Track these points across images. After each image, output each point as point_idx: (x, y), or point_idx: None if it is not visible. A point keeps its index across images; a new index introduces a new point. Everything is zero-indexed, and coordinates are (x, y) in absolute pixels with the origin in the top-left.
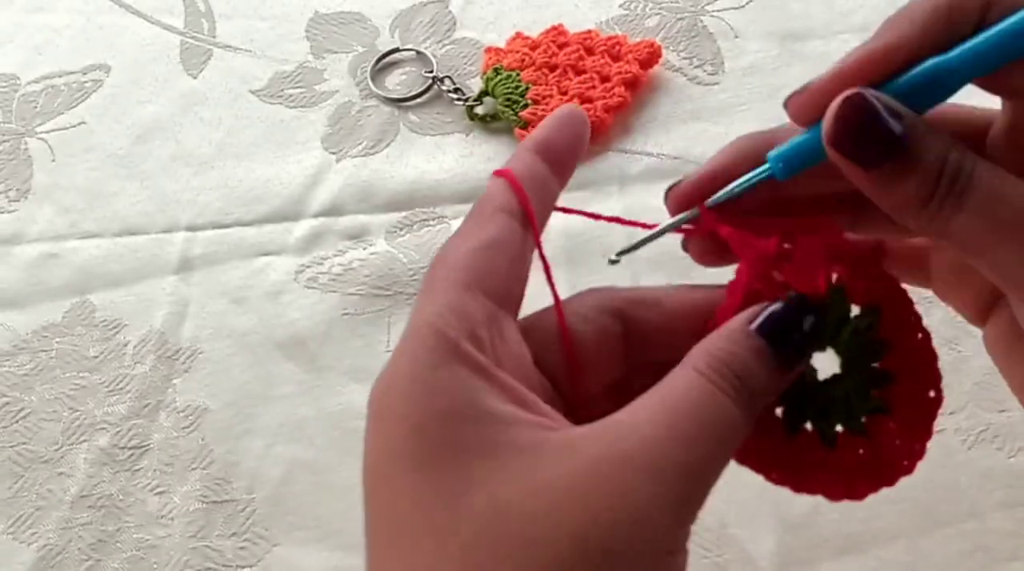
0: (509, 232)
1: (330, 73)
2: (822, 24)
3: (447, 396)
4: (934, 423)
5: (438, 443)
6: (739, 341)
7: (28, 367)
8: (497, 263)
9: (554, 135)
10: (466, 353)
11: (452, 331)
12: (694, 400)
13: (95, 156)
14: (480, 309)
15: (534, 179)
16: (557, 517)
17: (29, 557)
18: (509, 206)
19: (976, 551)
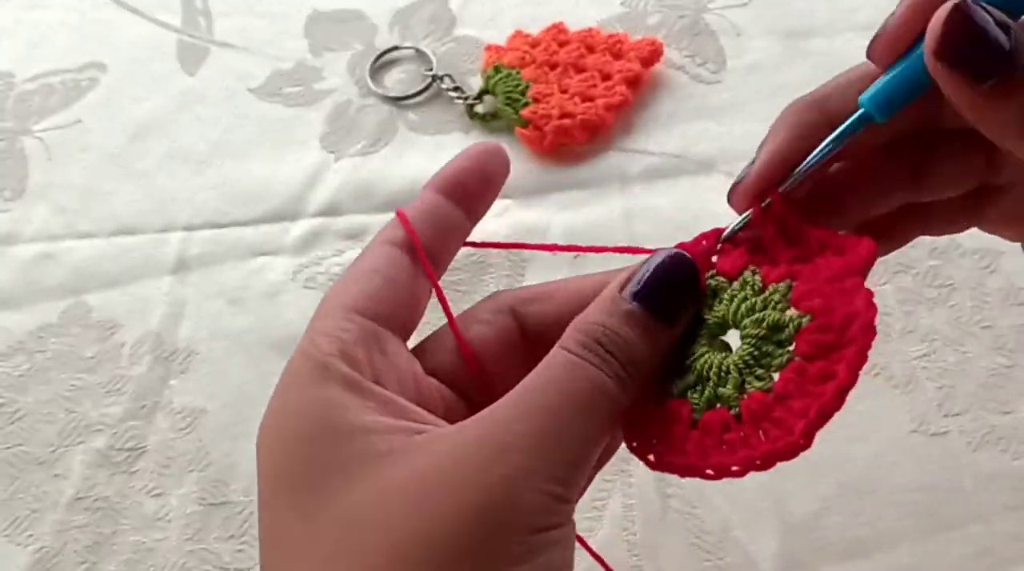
0: (389, 258)
1: (328, 71)
2: (825, 22)
3: (312, 416)
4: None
5: (300, 465)
6: (607, 309)
7: (23, 368)
8: (376, 287)
9: (457, 171)
10: (335, 371)
11: (321, 352)
12: (553, 375)
13: (91, 155)
14: (355, 329)
15: (431, 214)
16: (408, 518)
17: (25, 560)
18: (393, 238)
19: (981, 554)
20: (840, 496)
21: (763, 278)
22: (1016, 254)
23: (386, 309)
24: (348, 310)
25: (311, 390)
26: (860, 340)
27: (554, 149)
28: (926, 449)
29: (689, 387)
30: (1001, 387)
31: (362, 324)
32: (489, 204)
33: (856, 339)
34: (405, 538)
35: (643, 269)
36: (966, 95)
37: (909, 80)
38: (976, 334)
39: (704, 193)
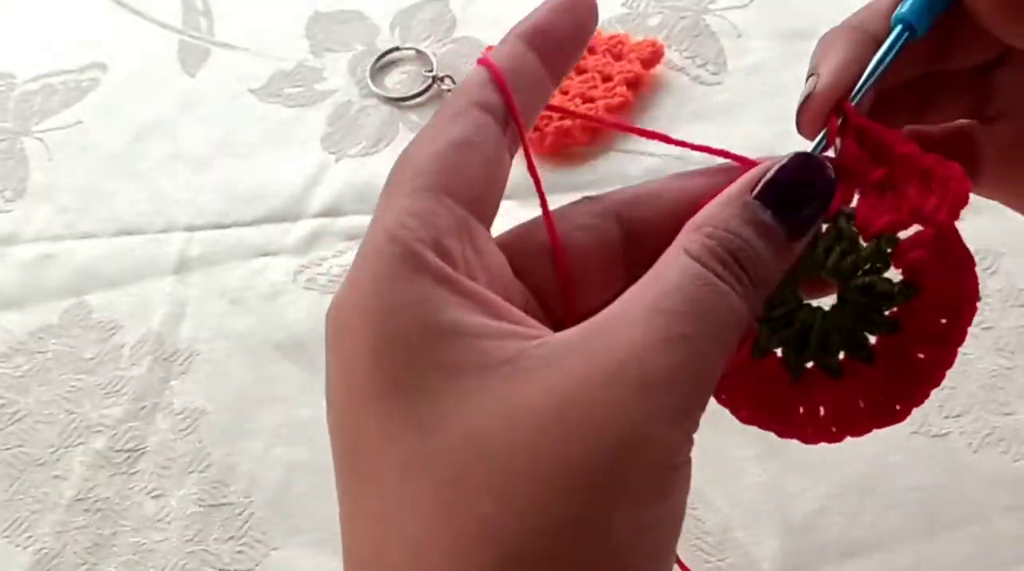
0: (483, 129)
1: (329, 72)
2: (826, 23)
3: (408, 313)
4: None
5: (402, 367)
6: (739, 214)
7: (24, 369)
8: (468, 164)
9: (549, 21)
10: (429, 263)
11: (413, 239)
12: (689, 294)
13: (92, 155)
14: (447, 215)
15: (519, 70)
16: (540, 446)
17: (25, 561)
18: (486, 101)
19: (981, 555)
20: (841, 497)
21: (859, 226)
22: (1016, 255)
23: (478, 193)
24: (439, 191)
25: (404, 282)
26: (966, 321)
27: (555, 150)
28: (927, 450)
29: (785, 341)
30: (1002, 388)
31: (454, 211)
32: (574, 63)
33: (962, 320)
34: (543, 464)
35: (775, 171)
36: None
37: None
38: (977, 335)
39: None
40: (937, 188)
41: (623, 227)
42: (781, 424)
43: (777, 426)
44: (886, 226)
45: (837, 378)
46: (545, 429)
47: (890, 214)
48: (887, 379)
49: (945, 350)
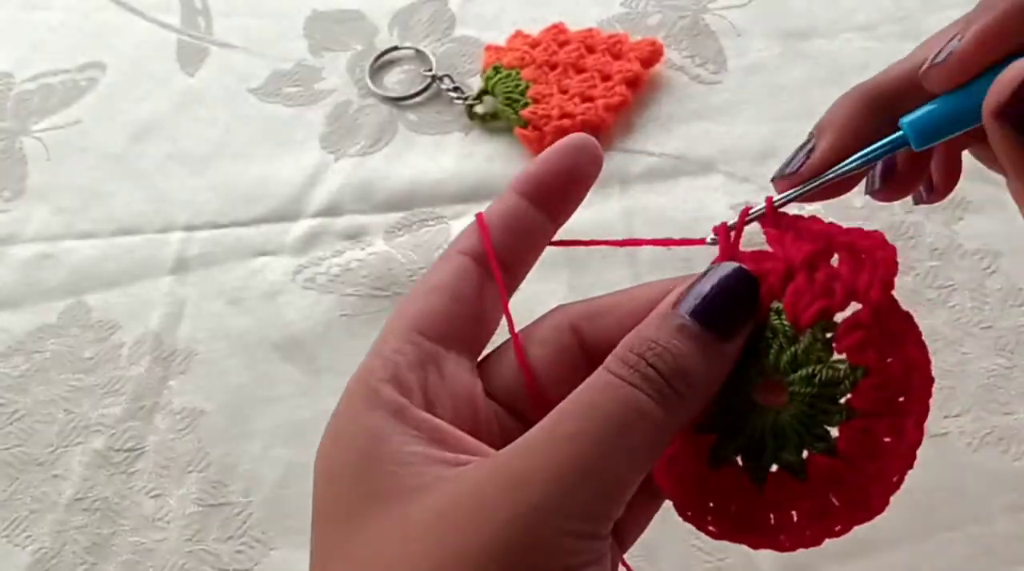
0: (460, 272)
1: (328, 71)
2: (825, 22)
3: (356, 447)
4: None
5: (345, 493)
6: (657, 324)
7: (23, 368)
8: (438, 304)
9: (543, 171)
10: (384, 398)
11: (373, 378)
12: (586, 398)
13: (90, 155)
14: (412, 351)
15: (511, 219)
16: (420, 555)
17: (24, 560)
18: (470, 247)
19: (981, 555)
20: None
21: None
22: (1016, 255)
23: (449, 328)
24: (409, 330)
25: (360, 418)
26: (923, 393)
27: None
28: (926, 450)
29: (741, 448)
30: (1001, 388)
31: (421, 345)
32: (576, 205)
33: (918, 392)
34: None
35: (700, 284)
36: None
37: (957, 118)
38: (976, 335)
39: (704, 193)
40: (866, 261)
41: (581, 337)
42: (753, 536)
43: (750, 539)
44: (817, 315)
45: (803, 479)
46: (433, 538)
47: (821, 300)
48: (856, 469)
49: (909, 425)
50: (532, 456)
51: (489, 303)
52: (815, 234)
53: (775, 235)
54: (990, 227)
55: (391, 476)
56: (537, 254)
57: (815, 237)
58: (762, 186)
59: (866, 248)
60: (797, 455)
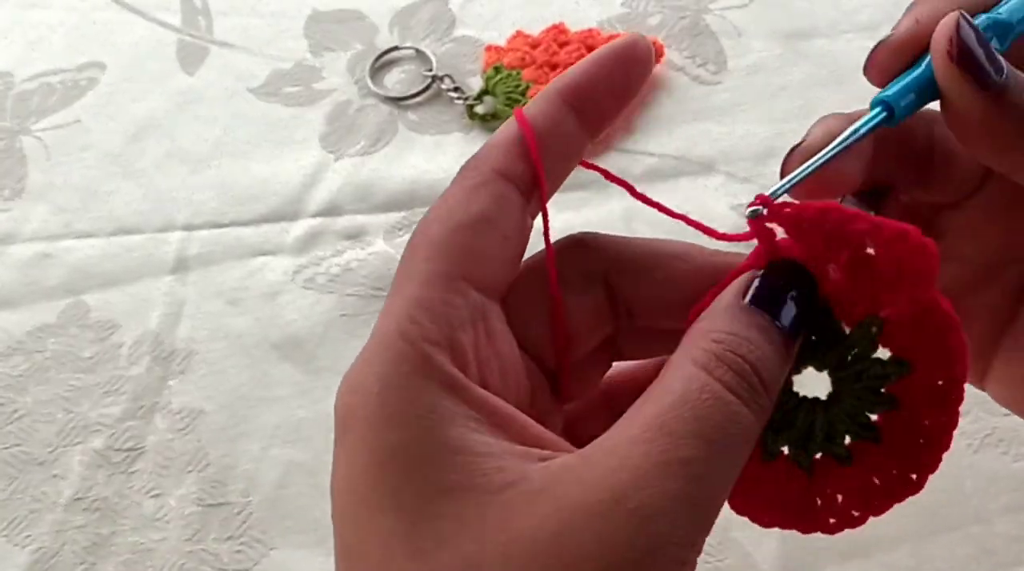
0: (505, 203)
1: (328, 71)
2: (826, 23)
3: (412, 427)
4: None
5: (403, 484)
6: (740, 319)
7: (22, 368)
8: (488, 245)
9: (591, 76)
10: (438, 368)
11: (423, 339)
12: (694, 411)
13: (90, 154)
14: (464, 306)
15: (553, 131)
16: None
17: (23, 560)
18: (510, 169)
19: (981, 555)
20: None
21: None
22: None
23: (495, 275)
24: (454, 276)
25: (410, 390)
26: (960, 380)
27: None
28: None
29: (792, 440)
30: None
31: (470, 300)
32: (616, 117)
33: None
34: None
35: (766, 280)
36: (971, 98)
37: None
38: None
39: (704, 193)
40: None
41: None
42: (804, 522)
43: (800, 525)
44: (864, 315)
45: (848, 464)
46: (540, 562)
47: (866, 301)
48: (897, 454)
49: (947, 413)
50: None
51: (526, 237)
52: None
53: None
54: None
55: (470, 468)
56: (568, 172)
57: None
58: (763, 186)
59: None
60: (842, 443)
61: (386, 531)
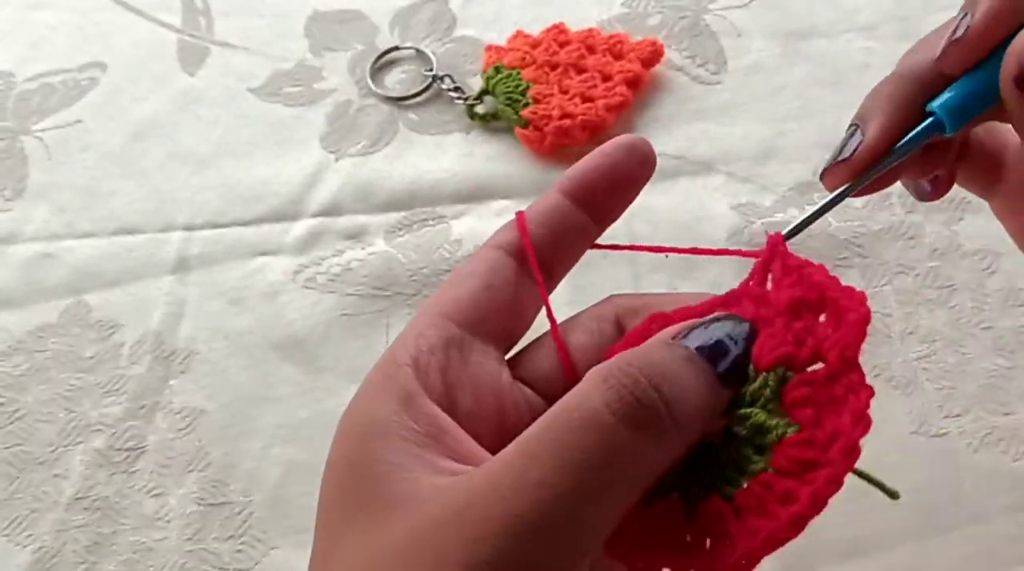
0: (492, 262)
1: (329, 71)
2: (826, 23)
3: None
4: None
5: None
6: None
7: (23, 368)
8: (468, 290)
9: (588, 171)
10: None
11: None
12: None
13: (91, 155)
14: (437, 334)
15: (553, 218)
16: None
17: (24, 559)
18: (504, 242)
19: (981, 555)
20: (840, 496)
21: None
22: (1016, 255)
23: (477, 316)
24: (437, 315)
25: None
26: (838, 464)
27: (554, 150)
28: (926, 450)
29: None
30: (1001, 388)
31: (446, 329)
32: (624, 208)
33: (833, 462)
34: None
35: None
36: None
37: (982, 96)
38: (976, 335)
39: (704, 193)
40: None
41: (620, 330)
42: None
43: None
44: (776, 360)
45: (692, 522)
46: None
47: (785, 348)
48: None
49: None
50: (490, 504)
51: (525, 298)
52: (812, 284)
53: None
54: (991, 227)
55: (380, 478)
56: (578, 255)
57: (810, 287)
58: (762, 186)
59: (844, 308)
60: (695, 489)
61: (321, 538)
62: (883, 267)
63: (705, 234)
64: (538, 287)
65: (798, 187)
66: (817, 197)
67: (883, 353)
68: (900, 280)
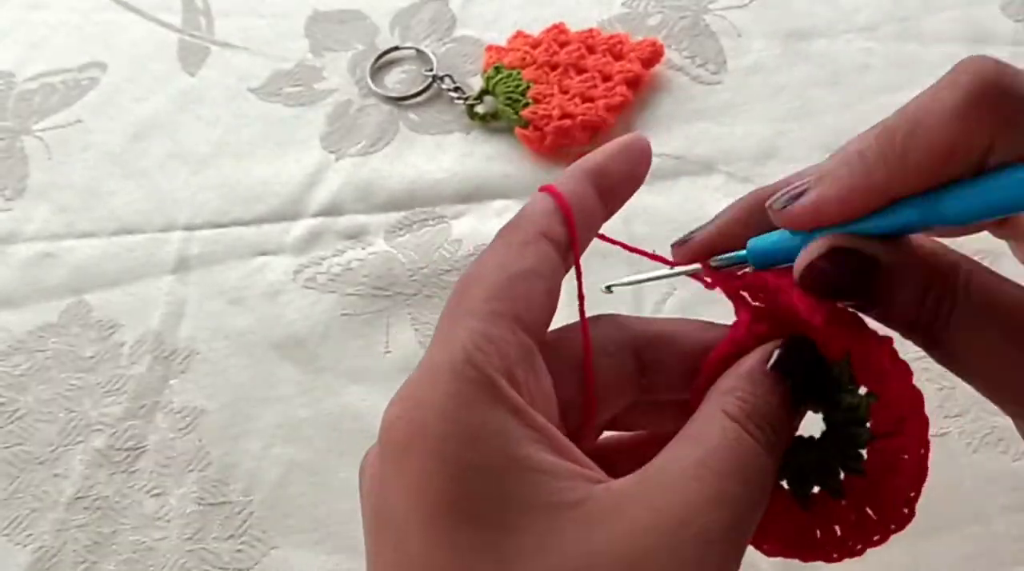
0: (549, 262)
1: (329, 71)
2: (826, 23)
3: (489, 443)
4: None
5: (481, 498)
6: (762, 382)
7: (24, 367)
8: (535, 295)
9: (612, 163)
10: (506, 393)
11: (490, 366)
12: (735, 455)
13: (92, 154)
14: (517, 345)
15: (582, 207)
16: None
17: (25, 559)
18: (552, 232)
19: (980, 555)
20: None
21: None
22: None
23: (540, 322)
24: (511, 318)
25: (483, 410)
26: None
27: (554, 150)
28: None
29: (789, 476)
30: None
31: (521, 340)
32: (622, 204)
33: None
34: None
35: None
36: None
37: (789, 253)
38: None
39: (704, 193)
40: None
41: (640, 361)
42: (803, 551)
43: (800, 553)
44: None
45: (841, 498)
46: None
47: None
48: (880, 484)
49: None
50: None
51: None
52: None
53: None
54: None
55: (545, 486)
56: (589, 241)
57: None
58: (762, 186)
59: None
60: (835, 478)
61: (465, 544)
62: None
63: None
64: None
65: None
66: None
67: None
68: None
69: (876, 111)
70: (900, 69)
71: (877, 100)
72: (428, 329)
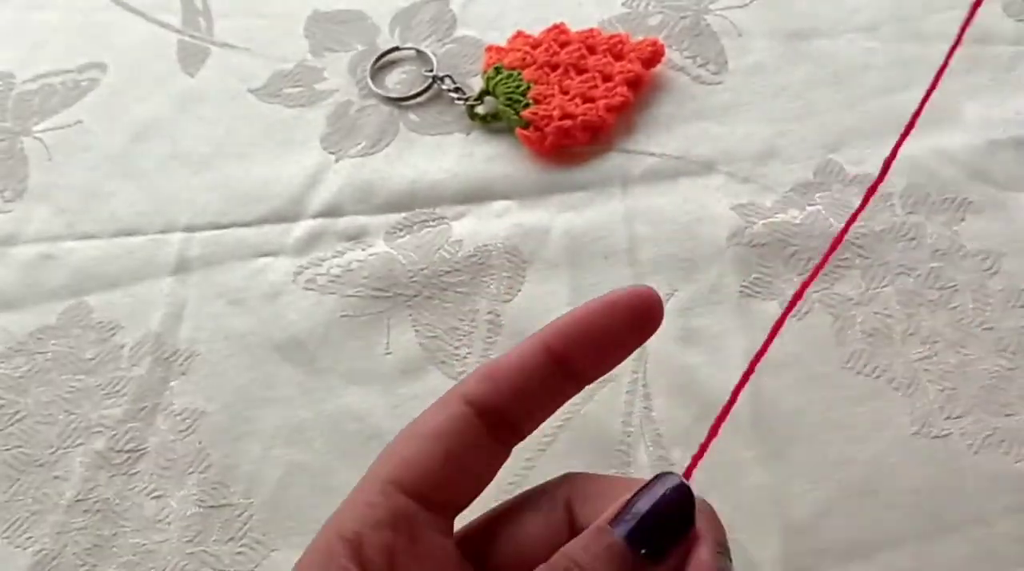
0: (459, 422)
1: (329, 72)
2: (828, 23)
3: None
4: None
5: None
6: (587, 542)
7: (23, 369)
8: (428, 456)
9: (576, 325)
10: (335, 561)
11: (335, 535)
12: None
13: (92, 155)
14: (385, 507)
15: (522, 374)
16: None
17: (25, 562)
18: (472, 394)
19: (983, 556)
20: (841, 498)
21: None
22: (1017, 256)
23: (432, 486)
24: (387, 482)
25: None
26: None
27: (555, 150)
28: (928, 451)
29: None
30: (1003, 389)
31: (396, 503)
32: (615, 365)
33: None
34: None
35: (638, 500)
36: None
37: None
38: (978, 336)
39: (705, 193)
40: None
41: (570, 515)
42: None
43: None
44: None
45: None
46: None
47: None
48: None
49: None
50: None
51: (487, 462)
52: None
53: None
54: (992, 228)
55: None
56: (552, 411)
57: None
58: (763, 186)
59: None
60: None
61: None
62: (884, 268)
63: (705, 234)
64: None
65: (799, 187)
66: (819, 197)
67: (885, 354)
68: (901, 281)
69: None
70: (902, 69)
71: (879, 100)
72: (428, 330)
